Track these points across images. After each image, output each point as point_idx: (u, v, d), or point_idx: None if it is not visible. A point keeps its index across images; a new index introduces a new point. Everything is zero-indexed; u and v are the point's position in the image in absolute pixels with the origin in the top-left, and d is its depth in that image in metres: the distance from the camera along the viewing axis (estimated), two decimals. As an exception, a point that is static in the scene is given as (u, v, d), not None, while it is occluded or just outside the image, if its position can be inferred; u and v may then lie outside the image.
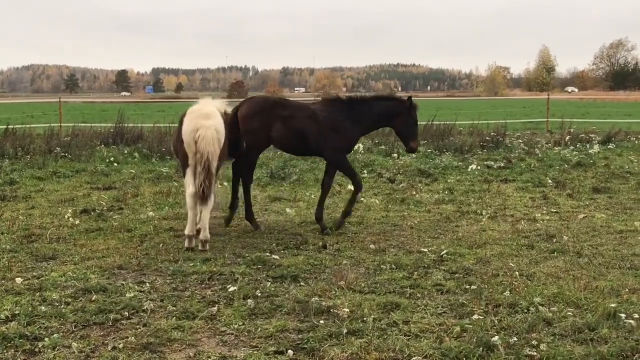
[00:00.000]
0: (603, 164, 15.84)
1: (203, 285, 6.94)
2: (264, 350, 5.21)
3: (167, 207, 11.02)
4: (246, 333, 5.58)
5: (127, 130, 20.09)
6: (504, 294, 6.46)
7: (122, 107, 24.65)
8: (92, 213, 10.42)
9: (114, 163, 15.73)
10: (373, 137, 20.33)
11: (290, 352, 5.15)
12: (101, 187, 13.09)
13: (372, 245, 8.58)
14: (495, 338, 5.21)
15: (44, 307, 6.04)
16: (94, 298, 6.36)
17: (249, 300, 6.28)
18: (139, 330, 5.60)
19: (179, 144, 8.57)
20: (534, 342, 5.21)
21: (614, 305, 5.92)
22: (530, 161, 16.14)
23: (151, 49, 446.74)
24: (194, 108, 8.72)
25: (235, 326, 5.71)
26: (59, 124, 22.54)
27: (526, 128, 26.87)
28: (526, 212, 10.87)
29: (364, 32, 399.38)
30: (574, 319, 5.75)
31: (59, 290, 6.59)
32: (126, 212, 10.70)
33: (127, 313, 5.99)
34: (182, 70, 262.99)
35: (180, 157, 8.77)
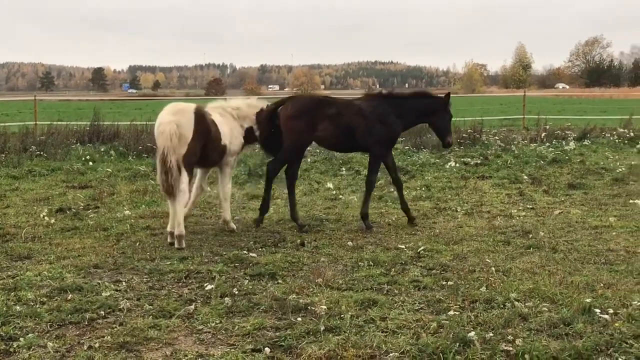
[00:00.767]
0: (578, 161, 15.99)
1: (180, 283, 6.91)
2: (241, 348, 5.20)
3: (143, 206, 10.96)
4: (223, 331, 5.56)
5: (103, 128, 19.91)
6: (481, 289, 6.50)
7: (98, 105, 24.46)
8: (68, 212, 10.34)
9: (90, 161, 15.59)
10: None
11: (267, 349, 5.14)
12: (77, 185, 12.98)
13: (350, 243, 8.59)
14: (472, 333, 5.24)
15: (19, 307, 5.98)
16: (69, 297, 6.30)
17: (226, 298, 6.26)
18: (115, 329, 5.56)
19: None
20: (510, 337, 5.25)
21: (589, 300, 5.97)
22: (507, 158, 16.24)
23: (128, 47, 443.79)
24: (170, 105, 8.82)
25: (213, 324, 5.69)
26: (34, 122, 22.30)
27: (503, 125, 27.04)
28: (502, 208, 10.95)
29: (342, 29, 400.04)
30: (550, 314, 5.79)
31: (34, 290, 6.53)
32: (102, 210, 10.63)
33: (103, 312, 5.94)
34: (159, 68, 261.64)
35: None
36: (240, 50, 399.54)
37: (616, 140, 19.83)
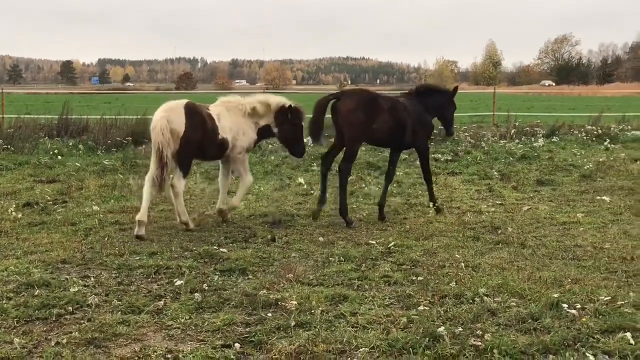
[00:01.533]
0: (547, 157, 16.17)
1: (149, 279, 6.86)
2: (210, 344, 5.17)
3: (112, 201, 10.86)
4: (193, 327, 5.53)
5: (72, 122, 19.65)
6: (450, 284, 6.55)
7: (67, 99, 24.14)
8: (36, 206, 10.21)
9: (58, 155, 15.40)
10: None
11: (237, 345, 5.12)
12: (45, 180, 12.81)
13: (321, 238, 8.60)
14: (441, 328, 5.27)
15: (-16, 303, 5.89)
16: (36, 293, 6.22)
17: (196, 294, 6.23)
18: (83, 325, 5.50)
19: None
20: (479, 332, 5.29)
21: (557, 296, 6.04)
22: (477, 154, 16.37)
23: (97, 40, 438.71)
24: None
25: (182, 320, 5.65)
26: (1, 116, 21.94)
27: (473, 122, 27.24)
28: (472, 204, 11.03)
29: (315, 24, 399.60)
30: (518, 309, 5.85)
31: (1, 285, 6.43)
32: (70, 205, 10.51)
33: (71, 308, 5.88)
34: (128, 62, 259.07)
35: None
36: (211, 44, 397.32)
37: (584, 138, 20.08)
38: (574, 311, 5.70)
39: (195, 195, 11.61)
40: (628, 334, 5.17)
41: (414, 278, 6.83)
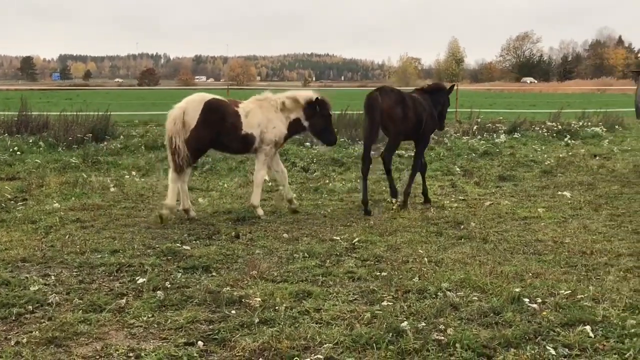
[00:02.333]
0: (509, 153, 16.35)
1: (111, 277, 6.78)
2: (173, 342, 5.13)
3: (73, 198, 10.71)
4: (155, 325, 5.48)
5: (32, 118, 19.31)
6: (413, 280, 6.59)
7: (26, 95, 23.72)
8: (-6, 204, 10.01)
9: (18, 152, 15.12)
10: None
11: (200, 343, 5.09)
12: (4, 177, 12.60)
13: (286, 234, 8.58)
14: (405, 323, 5.30)
15: (-60, 303, 5.77)
16: (-5, 292, 6.11)
17: (158, 291, 6.18)
18: (44, 324, 5.42)
19: None
20: (442, 327, 5.33)
21: (518, 290, 6.11)
22: (440, 150, 16.49)
23: (58, 35, 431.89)
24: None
25: (144, 318, 5.60)
26: (-41, 112, 21.51)
27: (436, 118, 27.37)
28: (435, 199, 11.11)
29: (279, 21, 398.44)
30: (480, 303, 5.90)
31: (-42, 285, 6.30)
32: (31, 203, 10.33)
33: (31, 307, 5.79)
34: (90, 57, 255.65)
35: None
36: (174, 39, 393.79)
37: (545, 134, 20.36)
38: (534, 305, 5.77)
39: (157, 192, 11.50)
40: (587, 327, 5.25)
41: (378, 274, 6.85)
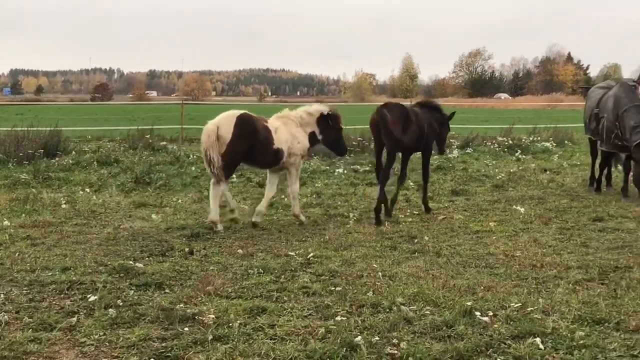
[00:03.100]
0: (461, 168, 16.59)
1: (62, 295, 6.66)
2: (126, 360, 5.07)
3: (24, 215, 10.50)
4: (107, 343, 5.40)
5: (-20, 134, 18.92)
6: (368, 294, 6.62)
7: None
8: (-60, 222, 9.76)
9: (-34, 169, 14.79)
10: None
11: (153, 360, 5.04)
12: (-49, 194, 12.28)
13: (240, 250, 8.55)
14: (359, 338, 5.32)
15: None
16: (-60, 313, 5.95)
17: (110, 309, 6.08)
18: (-9, 344, 5.29)
19: None
20: (395, 341, 5.36)
21: (470, 303, 6.18)
22: (396, 165, 16.58)
23: (9, 49, 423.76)
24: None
25: (96, 336, 5.51)
26: None
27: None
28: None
29: (234, 36, 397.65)
30: (433, 317, 5.96)
31: None
32: (-22, 220, 10.09)
33: (-22, 327, 5.65)
34: (42, 72, 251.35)
35: None
36: (128, 54, 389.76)
37: (496, 149, 20.71)
38: (486, 318, 5.85)
39: (110, 208, 11.36)
40: (537, 339, 5.34)
41: (333, 288, 6.87)
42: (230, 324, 5.76)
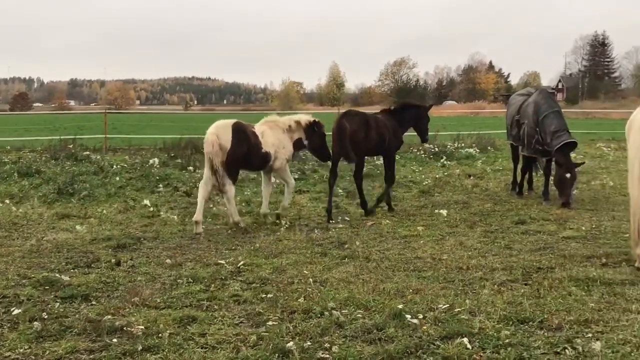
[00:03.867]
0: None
1: (-17, 310, 6.43)
2: (52, 375, 4.93)
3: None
4: (33, 357, 5.24)
5: None
6: (299, 300, 6.63)
7: None
8: None
9: None
10: (169, 151, 20.04)
11: (81, 374, 4.92)
12: None
13: (169, 260, 8.43)
14: (290, 344, 5.33)
15: None
16: None
17: (35, 322, 5.91)
18: None
19: None
20: (327, 345, 5.40)
21: (400, 306, 6.27)
22: (323, 172, 16.70)
23: None
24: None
25: (21, 350, 5.34)
26: None
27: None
28: (319, 221, 11.27)
29: (159, 44, 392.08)
30: (364, 320, 6.02)
31: None
32: None
33: None
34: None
35: None
36: (48, 63, 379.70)
37: (422, 155, 21.07)
38: (415, 320, 5.95)
39: (32, 220, 11.04)
40: (465, 339, 5.47)
41: (264, 296, 6.86)
42: (160, 334, 5.68)
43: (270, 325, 5.88)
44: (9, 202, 12.56)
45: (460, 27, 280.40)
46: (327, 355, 5.19)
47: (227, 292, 7.03)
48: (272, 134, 11.08)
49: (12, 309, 6.29)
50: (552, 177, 13.10)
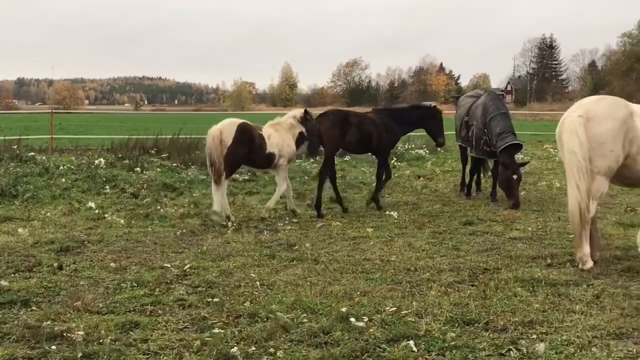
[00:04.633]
0: (340, 175, 16.76)
1: None
2: (-14, 385, 4.76)
3: None
4: (-34, 367, 5.07)
5: None
6: (245, 304, 6.55)
7: None
8: None
9: None
10: (117, 152, 19.70)
11: (17, 383, 4.76)
12: None
13: (113, 264, 8.24)
14: (235, 349, 5.26)
15: None
16: None
17: (-30, 330, 5.72)
18: None
19: None
20: (272, 350, 5.33)
21: (346, 309, 6.24)
22: (273, 174, 16.60)
23: None
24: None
25: (-47, 361, 5.16)
26: None
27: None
28: (269, 222, 11.18)
29: (108, 43, 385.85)
30: (310, 324, 5.96)
31: None
32: None
33: None
34: None
35: None
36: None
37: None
38: (361, 323, 5.91)
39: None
40: (411, 342, 5.46)
41: (210, 300, 6.75)
42: (101, 340, 5.54)
43: (215, 330, 5.78)
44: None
45: (411, 28, 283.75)
46: (272, 360, 5.12)
47: (172, 296, 6.91)
48: (278, 135, 11.73)
49: (-54, 316, 6.07)
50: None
